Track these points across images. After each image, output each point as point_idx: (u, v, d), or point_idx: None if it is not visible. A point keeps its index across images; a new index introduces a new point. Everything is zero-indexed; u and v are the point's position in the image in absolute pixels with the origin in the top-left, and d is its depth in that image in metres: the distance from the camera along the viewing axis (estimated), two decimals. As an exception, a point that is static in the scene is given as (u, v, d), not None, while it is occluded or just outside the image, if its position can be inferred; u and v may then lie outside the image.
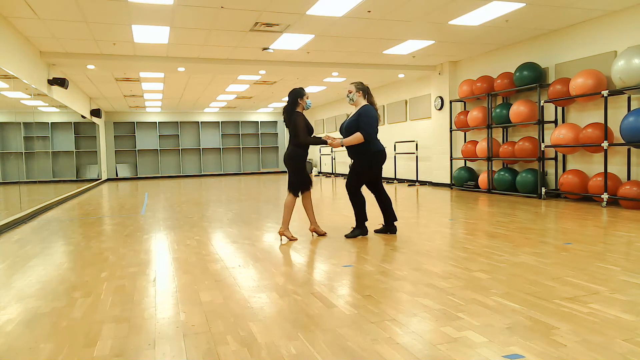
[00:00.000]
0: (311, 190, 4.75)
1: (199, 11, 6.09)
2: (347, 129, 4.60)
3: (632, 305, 2.48)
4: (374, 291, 2.85)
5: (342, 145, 4.59)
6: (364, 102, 4.68)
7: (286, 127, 4.66)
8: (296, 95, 4.59)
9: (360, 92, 4.69)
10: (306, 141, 4.53)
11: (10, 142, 7.31)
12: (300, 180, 4.61)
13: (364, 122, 4.51)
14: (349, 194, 4.71)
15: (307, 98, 4.63)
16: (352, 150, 4.63)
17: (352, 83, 4.72)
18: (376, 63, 9.86)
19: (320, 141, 4.64)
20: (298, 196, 4.66)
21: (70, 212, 7.64)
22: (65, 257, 4.15)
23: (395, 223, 4.86)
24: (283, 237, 4.68)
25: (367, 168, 4.64)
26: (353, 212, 4.72)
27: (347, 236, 4.68)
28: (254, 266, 3.60)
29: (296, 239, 4.64)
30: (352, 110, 4.76)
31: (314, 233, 4.84)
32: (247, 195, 9.59)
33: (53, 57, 8.10)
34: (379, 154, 4.63)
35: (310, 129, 4.61)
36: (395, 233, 4.80)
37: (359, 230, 4.71)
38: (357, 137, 4.49)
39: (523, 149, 7.78)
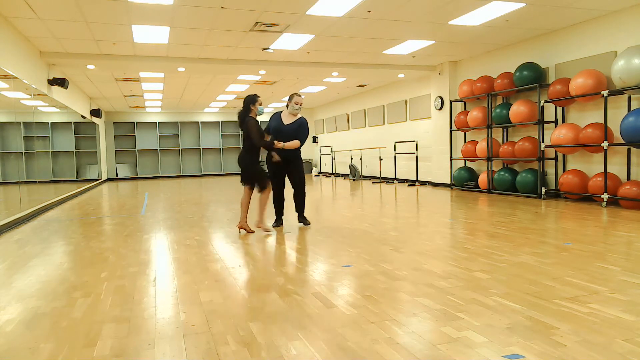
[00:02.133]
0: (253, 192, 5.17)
1: (199, 11, 6.09)
2: (287, 136, 5.24)
3: (632, 305, 2.48)
4: (374, 291, 2.85)
5: (283, 147, 5.18)
6: (300, 114, 5.45)
7: (240, 129, 5.11)
8: (249, 102, 5.01)
9: None
10: (260, 144, 5.01)
11: (10, 142, 7.31)
12: (264, 180, 5.06)
13: (304, 133, 5.31)
14: (304, 188, 5.51)
15: (260, 104, 5.05)
16: (292, 153, 5.32)
17: (300, 96, 5.35)
18: (376, 63, 9.86)
19: (270, 144, 5.14)
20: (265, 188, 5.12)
21: (70, 212, 7.64)
22: (65, 257, 4.15)
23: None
24: (258, 229, 5.17)
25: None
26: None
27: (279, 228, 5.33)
28: (254, 266, 3.60)
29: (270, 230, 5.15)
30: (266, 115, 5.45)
31: (242, 230, 5.20)
32: (247, 195, 9.58)
33: (53, 57, 8.10)
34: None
35: (262, 133, 5.04)
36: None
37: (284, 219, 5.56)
38: (296, 144, 5.24)
39: (523, 149, 7.78)
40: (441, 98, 10.25)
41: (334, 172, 16.75)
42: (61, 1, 5.59)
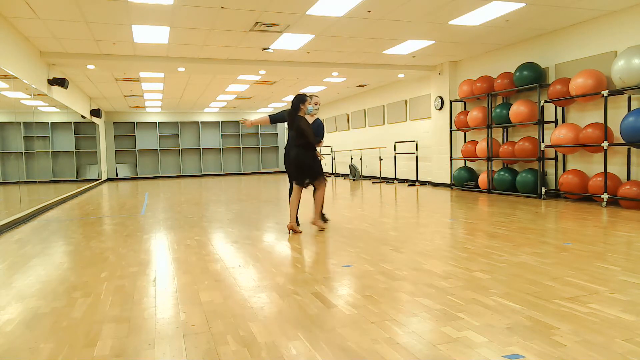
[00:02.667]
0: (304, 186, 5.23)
1: (199, 11, 6.09)
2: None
3: (632, 305, 2.48)
4: (374, 291, 2.85)
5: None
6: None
7: (290, 129, 5.10)
8: (299, 101, 5.07)
9: None
10: (315, 141, 5.18)
11: (10, 142, 7.31)
12: (323, 176, 5.20)
13: (322, 133, 5.45)
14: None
15: (309, 104, 5.12)
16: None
17: (317, 97, 5.37)
18: (376, 63, 9.86)
19: (317, 142, 5.32)
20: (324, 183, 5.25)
21: (70, 212, 7.64)
22: (65, 257, 4.15)
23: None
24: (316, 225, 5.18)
25: None
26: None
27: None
28: (254, 266, 3.60)
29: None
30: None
31: (291, 231, 5.13)
32: (247, 195, 9.59)
33: (53, 57, 8.10)
34: None
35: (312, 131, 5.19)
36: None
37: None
38: (320, 143, 5.44)
39: (523, 149, 7.78)
40: (441, 98, 10.25)
41: (334, 172, 16.75)
42: (61, 1, 5.59)
